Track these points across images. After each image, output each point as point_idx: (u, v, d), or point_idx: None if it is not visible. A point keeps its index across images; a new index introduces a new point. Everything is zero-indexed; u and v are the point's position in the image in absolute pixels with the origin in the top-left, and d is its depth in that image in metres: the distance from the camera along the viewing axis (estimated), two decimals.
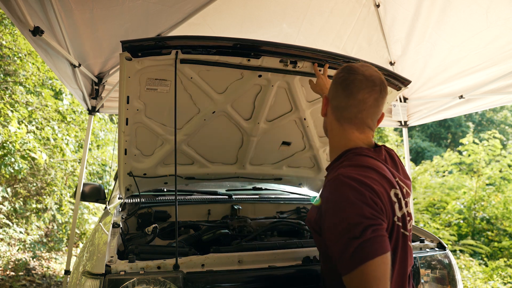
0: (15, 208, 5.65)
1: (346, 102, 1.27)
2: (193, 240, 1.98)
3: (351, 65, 1.30)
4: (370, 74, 1.27)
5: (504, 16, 2.63)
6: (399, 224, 1.16)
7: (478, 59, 3.14)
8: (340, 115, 1.30)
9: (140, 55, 1.63)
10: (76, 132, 6.59)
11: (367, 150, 1.26)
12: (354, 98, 1.25)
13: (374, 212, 1.06)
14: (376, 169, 1.18)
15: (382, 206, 1.10)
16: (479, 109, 3.88)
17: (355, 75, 1.26)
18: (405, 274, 1.21)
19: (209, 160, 2.41)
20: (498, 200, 7.18)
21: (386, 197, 1.13)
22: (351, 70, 1.28)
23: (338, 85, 1.29)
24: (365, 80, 1.26)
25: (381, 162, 1.24)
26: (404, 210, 1.20)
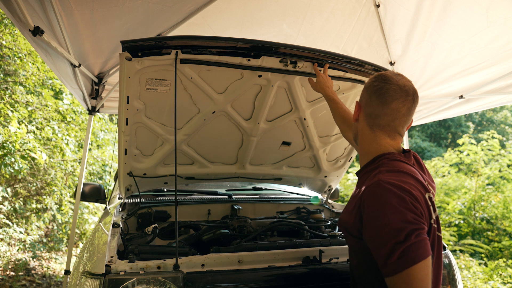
0: (15, 208, 5.65)
1: (380, 111, 1.31)
2: (193, 240, 1.98)
3: (386, 74, 1.34)
4: (403, 84, 1.31)
5: (504, 15, 2.63)
6: (434, 226, 1.21)
7: (478, 58, 3.14)
8: (372, 122, 1.34)
9: (140, 55, 1.64)
10: (76, 132, 6.59)
11: (399, 155, 1.30)
12: (388, 107, 1.29)
13: (416, 217, 1.10)
14: (411, 174, 1.23)
15: (422, 210, 1.14)
16: (479, 109, 3.88)
17: (390, 85, 1.30)
18: (439, 275, 1.26)
19: (209, 160, 2.41)
20: (497, 200, 7.18)
21: (423, 201, 1.17)
22: (386, 79, 1.32)
23: (373, 93, 1.32)
24: (399, 90, 1.29)
25: (412, 167, 1.28)
26: (436, 212, 1.25)
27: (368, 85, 1.37)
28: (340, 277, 1.65)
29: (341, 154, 2.67)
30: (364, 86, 1.39)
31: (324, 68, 1.90)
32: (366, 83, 1.39)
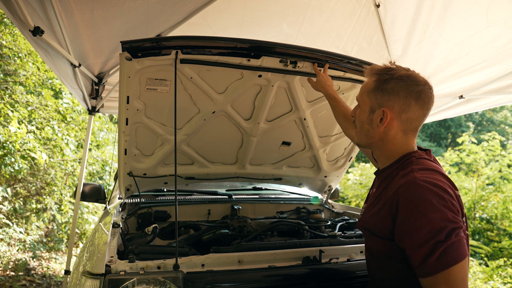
0: (15, 208, 5.65)
1: (420, 113, 1.26)
2: (193, 240, 1.98)
3: (411, 74, 1.27)
4: (424, 79, 1.29)
5: (504, 15, 2.64)
6: (464, 224, 1.17)
7: (479, 57, 3.14)
8: (408, 127, 1.27)
9: (140, 55, 1.64)
10: (76, 132, 6.59)
11: (424, 153, 1.28)
12: (427, 108, 1.27)
13: (455, 215, 1.08)
14: (441, 172, 1.20)
15: (458, 208, 1.12)
16: (479, 109, 3.88)
17: (423, 85, 1.26)
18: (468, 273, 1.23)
19: (209, 160, 2.41)
20: (497, 200, 7.18)
21: (456, 198, 1.14)
22: (416, 80, 1.26)
23: (411, 99, 1.24)
24: (429, 88, 1.28)
25: (438, 165, 1.27)
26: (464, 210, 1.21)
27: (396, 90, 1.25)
28: (340, 277, 1.65)
29: (341, 154, 2.67)
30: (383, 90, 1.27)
31: (324, 68, 1.90)
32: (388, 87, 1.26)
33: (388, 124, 1.27)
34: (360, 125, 1.36)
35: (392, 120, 1.26)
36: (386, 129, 1.28)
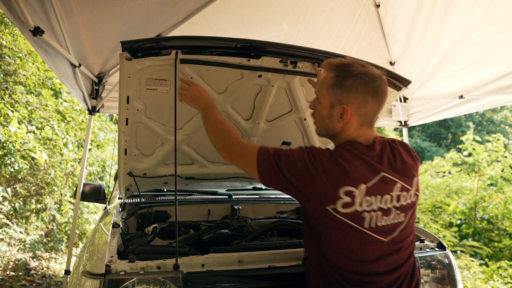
0: (15, 208, 5.65)
1: (377, 107, 1.35)
2: (193, 240, 1.98)
3: (367, 72, 1.33)
4: (378, 73, 1.36)
5: (505, 14, 2.64)
6: (368, 210, 1.34)
7: (479, 55, 3.13)
8: (365, 120, 1.37)
9: (140, 55, 1.63)
10: (75, 131, 6.59)
11: (361, 146, 1.34)
12: (383, 101, 1.36)
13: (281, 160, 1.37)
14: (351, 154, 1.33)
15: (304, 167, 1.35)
16: (479, 109, 3.88)
17: (378, 81, 1.33)
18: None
19: (209, 160, 2.41)
20: (498, 200, 7.18)
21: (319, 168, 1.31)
22: (372, 76, 1.33)
23: (368, 95, 1.32)
24: (384, 83, 1.35)
25: (364, 156, 1.32)
26: (385, 203, 1.34)
27: (353, 87, 1.32)
28: None
29: None
30: (341, 87, 1.33)
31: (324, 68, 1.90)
32: (346, 84, 1.33)
33: (348, 119, 1.35)
34: (320, 119, 1.44)
35: (351, 116, 1.35)
36: (345, 124, 1.37)
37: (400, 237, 1.34)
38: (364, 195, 1.26)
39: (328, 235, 1.31)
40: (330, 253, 1.31)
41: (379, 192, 1.29)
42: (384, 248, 1.31)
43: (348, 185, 1.25)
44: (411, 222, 1.39)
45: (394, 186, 1.32)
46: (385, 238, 1.31)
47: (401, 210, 1.34)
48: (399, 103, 4.31)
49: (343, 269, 1.29)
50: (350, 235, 1.28)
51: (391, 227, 1.32)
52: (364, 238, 1.28)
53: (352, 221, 1.26)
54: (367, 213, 1.27)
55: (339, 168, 1.27)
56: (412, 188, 1.37)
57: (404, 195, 1.34)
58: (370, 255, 1.29)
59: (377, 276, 1.29)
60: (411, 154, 1.42)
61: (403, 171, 1.35)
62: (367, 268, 1.29)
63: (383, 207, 1.30)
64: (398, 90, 2.14)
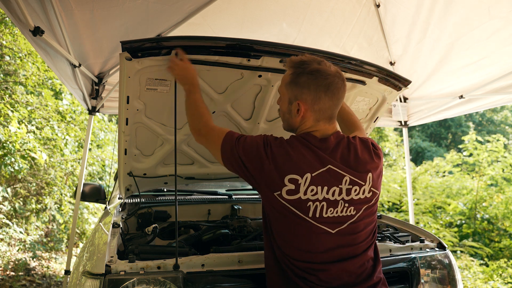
0: (15, 208, 5.65)
1: (331, 104, 1.40)
2: (193, 240, 1.98)
3: (320, 69, 1.38)
4: (335, 70, 1.40)
5: (506, 10, 2.63)
6: (313, 199, 1.37)
7: (480, 52, 3.12)
8: (320, 116, 1.41)
9: (140, 55, 1.63)
10: (75, 131, 6.59)
11: (312, 138, 1.38)
12: (337, 98, 1.40)
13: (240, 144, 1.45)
14: (299, 149, 1.39)
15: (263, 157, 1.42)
16: (479, 109, 3.88)
17: (332, 78, 1.37)
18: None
19: (209, 160, 2.41)
20: (499, 200, 7.18)
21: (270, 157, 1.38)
22: (324, 73, 1.37)
23: (320, 92, 1.37)
24: (339, 79, 1.39)
25: (314, 147, 1.37)
26: (331, 195, 1.38)
27: (307, 84, 1.38)
28: None
29: None
30: (296, 84, 1.40)
31: None
32: (300, 81, 1.39)
33: (304, 115, 1.41)
34: (282, 114, 1.53)
35: (306, 111, 1.41)
36: (302, 119, 1.43)
37: (349, 230, 1.36)
38: (309, 184, 1.30)
39: (277, 223, 1.36)
40: (282, 242, 1.36)
41: (325, 183, 1.32)
42: (332, 239, 1.33)
43: (293, 173, 1.30)
44: (365, 217, 1.40)
45: (342, 179, 1.34)
46: (332, 229, 1.33)
47: (351, 204, 1.36)
48: (399, 103, 4.31)
49: (294, 258, 1.33)
50: (296, 223, 1.32)
51: (339, 219, 1.34)
52: (309, 227, 1.32)
53: (296, 209, 1.31)
54: (311, 202, 1.31)
55: (286, 156, 1.32)
56: (365, 183, 1.38)
57: (356, 189, 1.36)
58: (317, 245, 1.32)
59: (327, 264, 1.32)
60: (369, 151, 1.43)
61: (356, 166, 1.37)
62: (316, 258, 1.32)
63: (329, 198, 1.32)
64: (398, 90, 2.14)
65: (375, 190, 1.41)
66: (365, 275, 1.36)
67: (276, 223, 1.37)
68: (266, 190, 1.35)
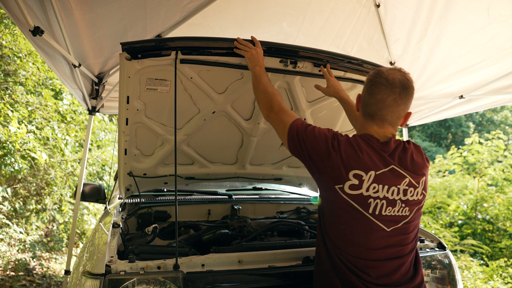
0: (15, 208, 5.65)
1: (368, 100, 1.47)
2: (193, 240, 1.98)
3: (380, 69, 1.49)
4: (392, 77, 1.45)
5: (506, 13, 2.63)
6: (375, 197, 1.42)
7: (479, 56, 3.13)
8: (364, 111, 1.50)
9: (140, 56, 1.64)
10: (76, 132, 6.58)
11: (374, 139, 1.43)
12: (374, 97, 1.45)
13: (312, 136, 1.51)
14: (364, 149, 1.43)
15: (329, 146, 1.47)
16: (479, 109, 3.87)
17: (378, 78, 1.46)
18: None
19: (209, 160, 2.41)
20: (500, 201, 7.17)
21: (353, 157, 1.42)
22: (378, 73, 1.48)
23: (366, 85, 1.49)
24: (386, 82, 1.44)
25: (376, 148, 1.42)
26: (391, 195, 1.42)
27: (365, 79, 1.53)
28: None
29: None
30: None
31: (328, 71, 1.90)
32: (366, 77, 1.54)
33: (357, 107, 1.57)
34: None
35: (358, 103, 1.56)
36: (358, 112, 1.56)
37: (402, 230, 1.40)
38: (372, 181, 1.34)
39: (333, 216, 1.39)
40: (335, 236, 1.39)
41: (387, 182, 1.37)
42: (387, 238, 1.37)
43: (359, 169, 1.34)
44: (416, 219, 1.45)
45: (402, 180, 1.39)
46: (387, 227, 1.37)
47: (407, 204, 1.40)
48: None
49: (347, 252, 1.37)
50: (354, 218, 1.35)
51: (395, 218, 1.38)
52: (367, 223, 1.35)
53: (357, 204, 1.34)
54: (372, 199, 1.35)
55: (353, 152, 1.37)
56: (419, 185, 1.43)
57: (411, 191, 1.41)
58: (372, 242, 1.36)
59: (379, 262, 1.36)
60: (422, 155, 1.50)
61: (412, 168, 1.43)
62: (369, 254, 1.36)
63: (389, 197, 1.36)
64: None
65: (424, 193, 1.48)
66: (410, 275, 1.42)
67: (332, 216, 1.40)
68: (328, 182, 1.38)
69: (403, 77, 1.46)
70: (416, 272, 1.44)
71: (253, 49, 1.74)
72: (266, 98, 1.65)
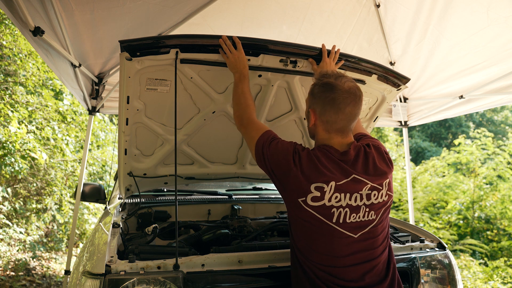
0: (15, 208, 5.65)
1: (336, 118, 1.45)
2: (193, 240, 1.98)
3: (331, 83, 1.45)
4: (349, 87, 1.45)
5: (505, 14, 2.63)
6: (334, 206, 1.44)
7: (479, 57, 3.13)
8: (330, 128, 1.48)
9: (138, 54, 1.63)
10: (76, 132, 6.59)
11: (333, 150, 1.44)
12: (343, 113, 1.44)
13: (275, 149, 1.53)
14: (322, 162, 1.44)
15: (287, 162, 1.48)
16: (479, 109, 3.88)
17: (339, 93, 1.43)
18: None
19: (209, 160, 2.41)
20: (495, 199, 7.18)
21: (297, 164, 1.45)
22: (334, 88, 1.44)
23: (326, 104, 1.45)
24: (348, 95, 1.43)
25: (335, 159, 1.43)
26: (353, 201, 1.43)
27: (318, 95, 1.48)
28: None
29: None
30: (312, 94, 1.51)
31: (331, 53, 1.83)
32: (314, 91, 1.49)
33: (314, 123, 1.51)
34: (306, 121, 1.62)
35: (315, 120, 1.50)
36: (314, 127, 1.53)
37: (370, 233, 1.42)
38: (333, 191, 1.37)
39: (299, 228, 1.41)
40: (303, 247, 1.41)
41: (348, 190, 1.39)
42: (355, 244, 1.39)
43: (320, 182, 1.36)
44: (383, 220, 1.47)
45: (364, 186, 1.41)
46: (355, 234, 1.39)
47: (372, 208, 1.42)
48: (399, 103, 4.31)
49: (316, 262, 1.38)
50: (319, 228, 1.37)
51: (361, 224, 1.40)
52: (332, 233, 1.37)
53: (320, 215, 1.36)
54: (335, 209, 1.37)
55: (313, 166, 1.38)
56: (383, 187, 1.45)
57: (375, 194, 1.43)
58: (339, 250, 1.38)
59: (349, 267, 1.38)
60: (385, 159, 1.51)
61: (374, 172, 1.45)
62: (339, 262, 1.38)
63: (352, 204, 1.38)
64: (397, 87, 2.14)
65: (390, 193, 1.49)
66: (383, 275, 1.43)
67: (298, 228, 1.42)
68: (291, 195, 1.40)
69: (354, 83, 1.48)
70: (388, 272, 1.45)
71: (235, 54, 1.70)
72: (238, 110, 1.68)
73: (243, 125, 1.63)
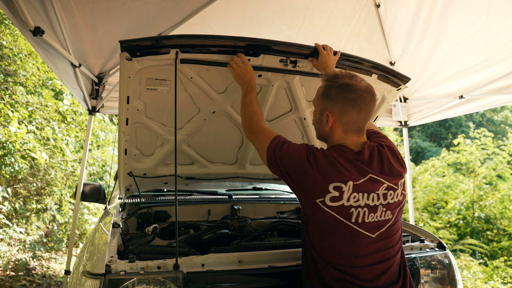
0: (15, 208, 5.65)
1: (358, 117, 1.46)
2: (193, 240, 1.98)
3: (348, 83, 1.45)
4: (365, 86, 1.46)
5: (505, 14, 2.64)
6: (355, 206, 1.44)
7: (479, 57, 3.13)
8: (348, 128, 1.47)
9: (139, 54, 1.63)
10: (76, 132, 6.59)
11: (348, 150, 1.44)
12: (364, 112, 1.46)
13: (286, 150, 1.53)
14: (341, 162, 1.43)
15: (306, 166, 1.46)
16: (479, 109, 3.88)
17: (360, 93, 1.44)
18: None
19: (209, 160, 2.41)
20: (495, 199, 7.19)
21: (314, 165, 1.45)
22: (352, 88, 1.44)
23: (347, 105, 1.44)
24: (367, 94, 1.45)
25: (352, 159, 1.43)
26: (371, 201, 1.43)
27: (336, 97, 1.46)
28: None
29: None
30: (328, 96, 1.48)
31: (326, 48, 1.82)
32: (331, 94, 1.47)
33: (332, 125, 1.49)
34: (314, 123, 1.61)
35: (334, 122, 1.48)
36: (331, 129, 1.50)
37: (387, 233, 1.42)
38: (351, 191, 1.36)
39: (316, 228, 1.40)
40: (320, 246, 1.40)
41: (366, 189, 1.39)
42: (372, 244, 1.39)
43: (338, 181, 1.36)
44: (398, 220, 1.49)
45: (381, 185, 1.42)
46: (373, 234, 1.39)
47: (388, 208, 1.43)
48: (399, 103, 4.31)
49: (333, 261, 1.38)
50: (339, 229, 1.37)
51: (379, 223, 1.41)
52: (352, 233, 1.37)
53: (339, 215, 1.36)
54: (354, 209, 1.37)
55: (330, 165, 1.38)
56: (398, 187, 1.46)
57: (391, 194, 1.43)
58: (358, 250, 1.37)
59: (366, 268, 1.38)
60: (397, 158, 1.52)
61: (390, 172, 1.45)
62: (356, 262, 1.37)
63: (370, 204, 1.39)
64: (397, 87, 2.13)
65: (404, 193, 1.50)
66: (397, 275, 1.44)
67: (316, 229, 1.41)
68: (307, 195, 1.40)
69: (364, 80, 1.48)
70: (401, 272, 1.45)
71: (241, 67, 1.74)
72: (246, 120, 1.70)
73: (252, 132, 1.65)
